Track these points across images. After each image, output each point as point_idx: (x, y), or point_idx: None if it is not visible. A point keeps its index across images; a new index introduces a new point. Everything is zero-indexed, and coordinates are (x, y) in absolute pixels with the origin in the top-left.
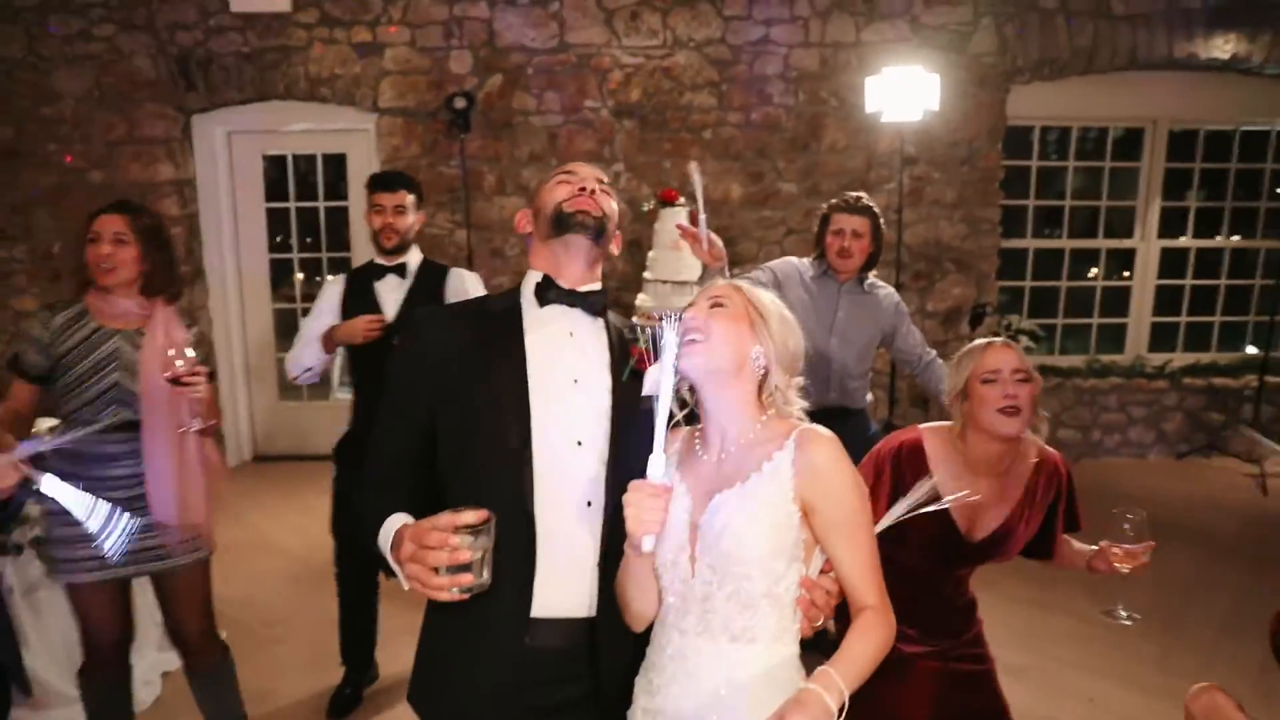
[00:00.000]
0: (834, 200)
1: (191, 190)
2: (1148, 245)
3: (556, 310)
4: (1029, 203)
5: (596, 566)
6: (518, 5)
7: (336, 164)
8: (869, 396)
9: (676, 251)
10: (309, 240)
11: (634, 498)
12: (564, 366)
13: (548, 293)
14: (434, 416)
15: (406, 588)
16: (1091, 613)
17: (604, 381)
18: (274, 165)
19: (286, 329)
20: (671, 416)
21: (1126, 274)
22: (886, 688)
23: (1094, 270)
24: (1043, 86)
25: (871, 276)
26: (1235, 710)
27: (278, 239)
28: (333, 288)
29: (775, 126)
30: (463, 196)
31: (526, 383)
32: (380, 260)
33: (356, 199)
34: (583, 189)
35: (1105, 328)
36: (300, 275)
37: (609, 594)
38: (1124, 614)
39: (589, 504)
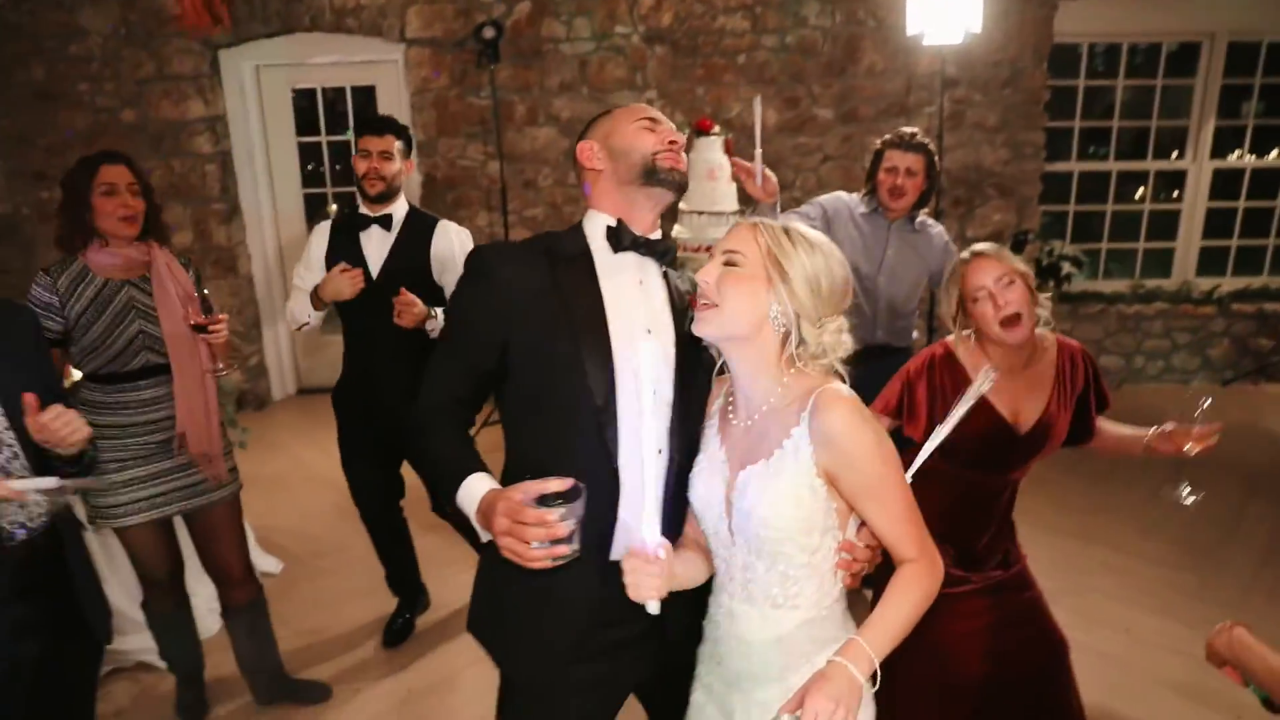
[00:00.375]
0: (888, 136)
1: (223, 127)
2: (1199, 166)
3: (629, 257)
4: (1074, 124)
5: (663, 510)
6: None
7: (366, 96)
8: (915, 334)
9: (712, 182)
10: (339, 170)
11: (630, 565)
12: (639, 316)
13: (623, 239)
14: (504, 362)
15: (485, 539)
16: (1130, 542)
17: (671, 331)
18: (303, 98)
19: None
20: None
21: (1176, 195)
22: (939, 630)
23: (1141, 191)
24: (1092, 1)
25: (922, 214)
26: (1257, 643)
27: (309, 172)
28: (318, 237)
29: (811, 50)
30: (494, 128)
31: (608, 333)
32: (365, 210)
33: None
34: (673, 143)
35: (1151, 252)
36: (334, 208)
37: (673, 533)
38: (1186, 491)
39: (660, 451)
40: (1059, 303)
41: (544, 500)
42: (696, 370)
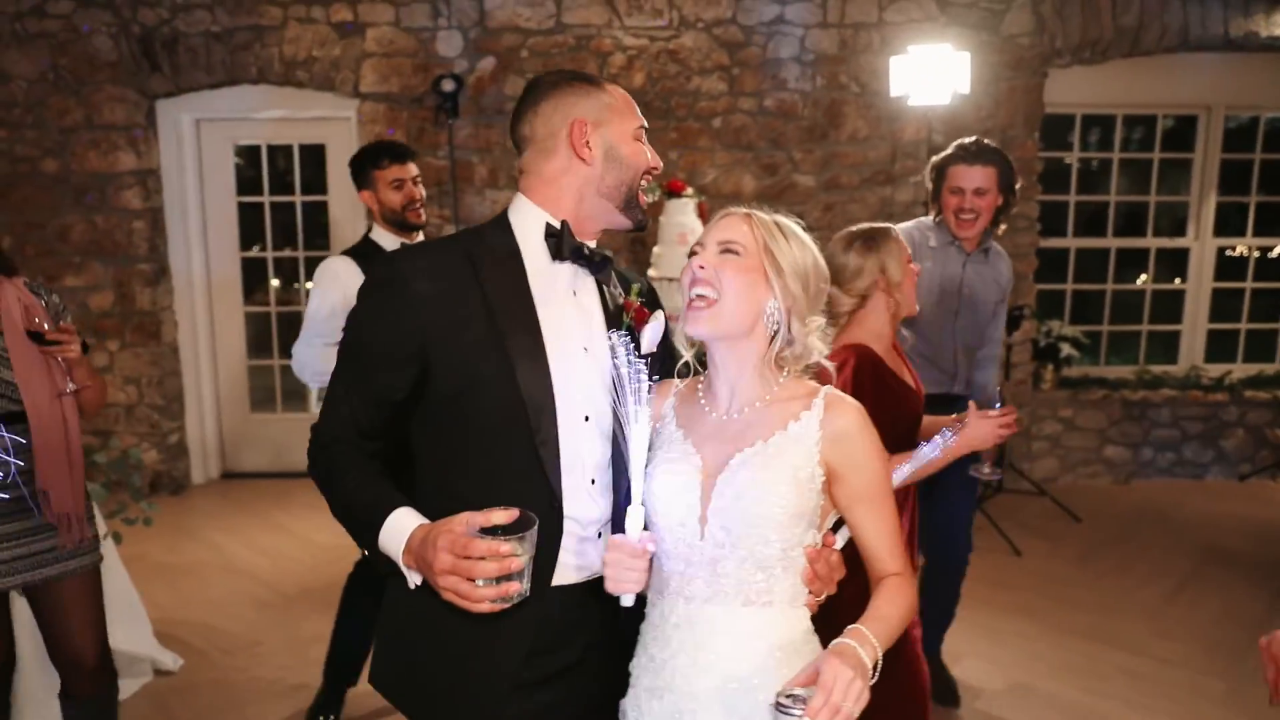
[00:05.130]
0: (949, 150)
1: (156, 181)
2: (1202, 245)
3: (564, 266)
4: (1069, 198)
5: (599, 534)
6: None
7: (314, 155)
8: (995, 381)
9: (683, 246)
10: (283, 233)
11: (613, 557)
12: (574, 331)
13: (564, 246)
14: (421, 383)
15: (412, 585)
16: (1148, 644)
17: (606, 347)
18: (246, 156)
19: (259, 335)
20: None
21: (1179, 280)
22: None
23: (1143, 277)
24: (1084, 71)
25: (998, 235)
26: None
27: (250, 237)
28: (349, 275)
29: (791, 114)
30: (451, 190)
31: (545, 354)
32: (402, 239)
33: (336, 193)
34: (654, 170)
35: (1156, 335)
36: (276, 282)
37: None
38: (987, 470)
39: (593, 481)
40: (1058, 388)
41: (487, 534)
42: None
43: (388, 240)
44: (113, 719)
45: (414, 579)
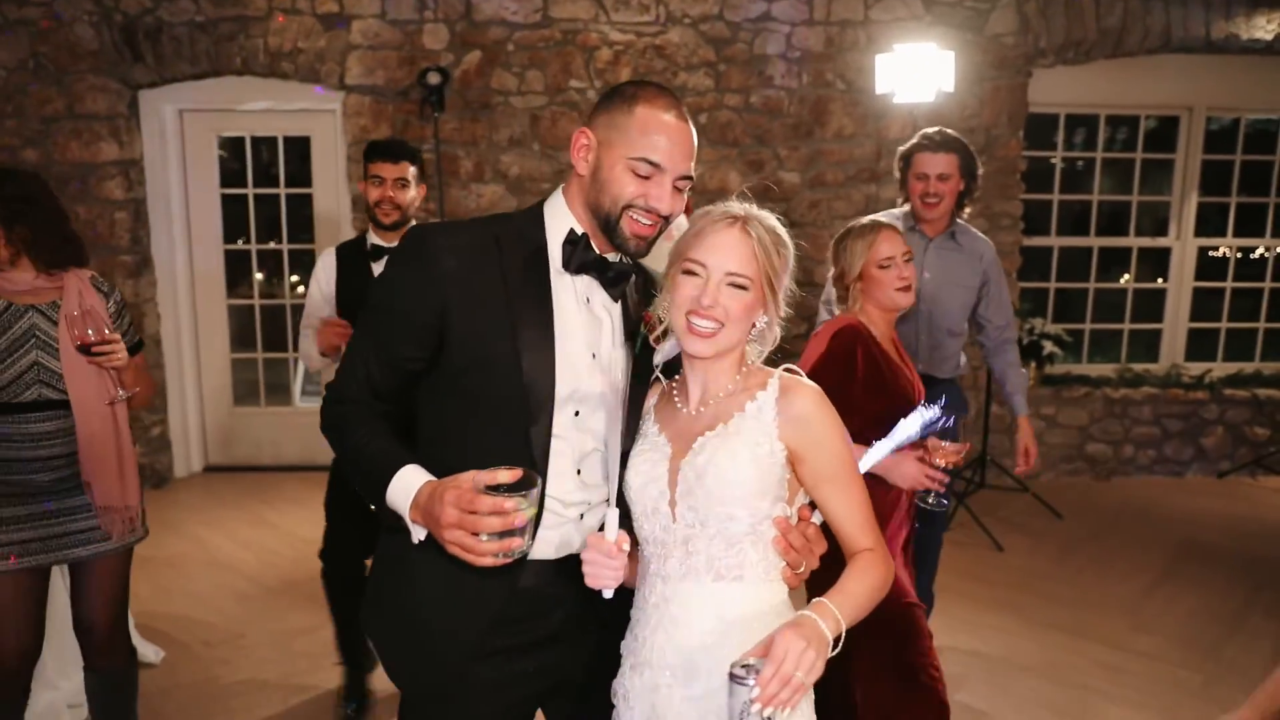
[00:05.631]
0: (914, 139)
1: (138, 172)
2: (1183, 245)
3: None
4: (1053, 197)
5: (581, 516)
6: None
7: (299, 147)
8: (962, 360)
9: (668, 242)
10: (266, 226)
11: (591, 555)
12: (585, 337)
13: (574, 258)
14: (436, 354)
15: (416, 540)
16: (1126, 639)
17: (619, 358)
18: (230, 148)
19: (243, 328)
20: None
21: (1160, 279)
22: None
23: (1125, 276)
24: (1068, 71)
25: (963, 218)
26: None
27: (234, 229)
28: (325, 268)
29: (776, 111)
30: (437, 184)
31: (554, 354)
32: (377, 239)
33: (321, 185)
34: (653, 212)
35: (1137, 334)
36: (260, 275)
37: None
38: (931, 500)
39: (578, 471)
40: (1040, 385)
41: (492, 491)
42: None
43: (375, 237)
44: (130, 696)
45: (419, 534)
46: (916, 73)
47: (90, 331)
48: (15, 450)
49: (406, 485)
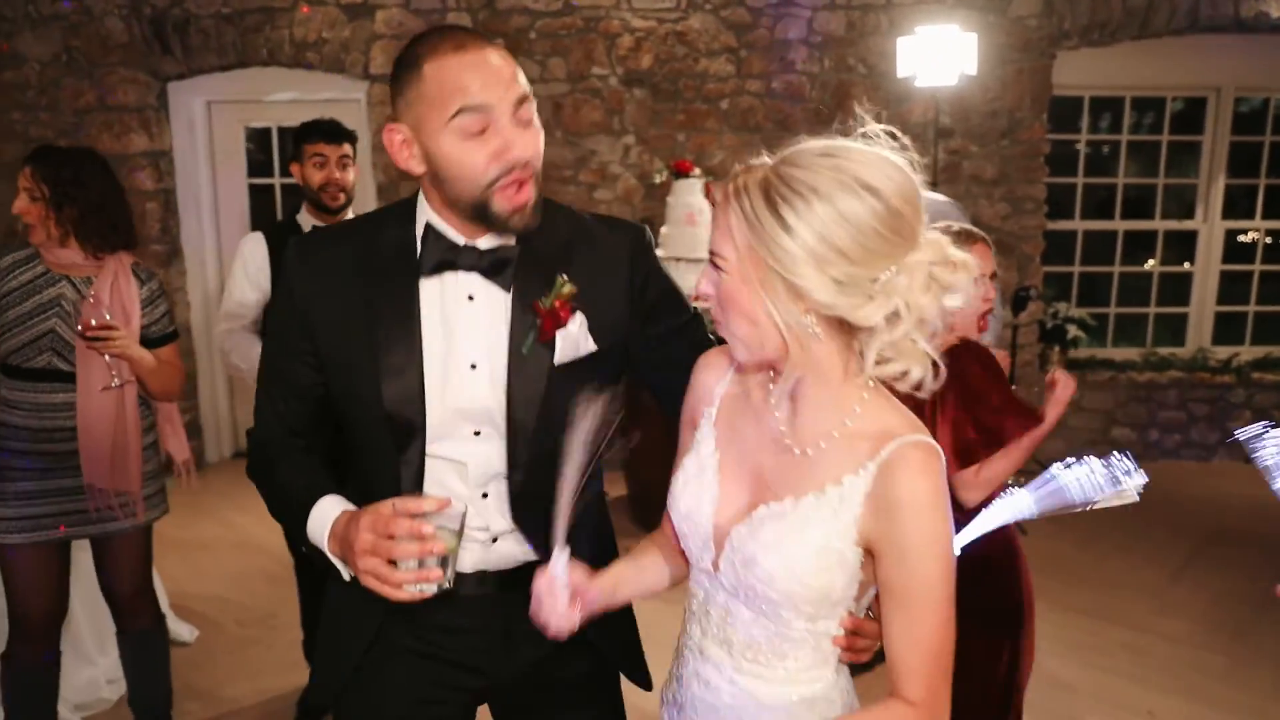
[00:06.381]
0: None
1: (168, 163)
2: (1211, 227)
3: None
4: (1078, 180)
5: (495, 540)
6: None
7: None
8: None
9: (692, 227)
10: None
11: (538, 591)
12: (462, 345)
13: (431, 256)
14: (317, 374)
15: (347, 578)
16: (1150, 621)
17: (503, 363)
18: (256, 139)
19: None
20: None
21: (1187, 263)
22: None
23: (1151, 260)
24: (1092, 53)
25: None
26: None
27: (261, 219)
28: (254, 253)
29: (798, 96)
30: None
31: (421, 376)
32: (316, 222)
33: None
34: (516, 169)
35: (1163, 318)
36: None
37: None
38: None
39: (485, 495)
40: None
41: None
42: (540, 397)
43: (307, 221)
44: (161, 660)
45: (345, 571)
46: (939, 56)
47: (94, 320)
48: (39, 419)
49: (324, 515)
